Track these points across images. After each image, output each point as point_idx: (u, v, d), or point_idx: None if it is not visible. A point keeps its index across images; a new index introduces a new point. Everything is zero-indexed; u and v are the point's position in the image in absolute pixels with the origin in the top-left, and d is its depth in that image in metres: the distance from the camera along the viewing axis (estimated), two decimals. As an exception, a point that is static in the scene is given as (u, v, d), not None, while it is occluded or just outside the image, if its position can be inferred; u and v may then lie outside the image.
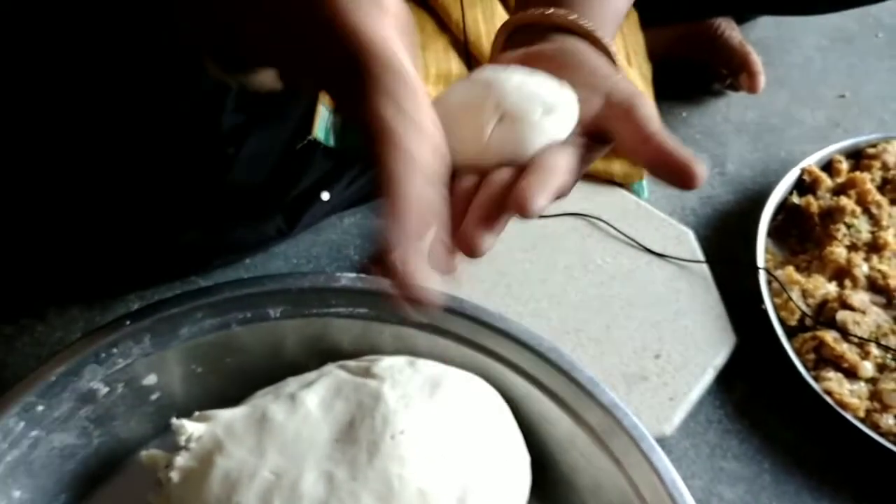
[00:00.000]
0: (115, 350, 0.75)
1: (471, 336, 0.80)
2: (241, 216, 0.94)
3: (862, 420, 0.91)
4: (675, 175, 0.54)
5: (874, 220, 1.10)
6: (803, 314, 0.99)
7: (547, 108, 0.57)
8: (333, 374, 0.77)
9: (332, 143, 0.93)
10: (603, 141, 0.60)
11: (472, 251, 0.53)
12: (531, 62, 0.62)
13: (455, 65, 1.04)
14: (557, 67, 0.61)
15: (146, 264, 0.94)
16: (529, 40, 0.66)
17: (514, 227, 0.59)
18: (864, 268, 1.04)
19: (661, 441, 0.89)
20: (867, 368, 0.95)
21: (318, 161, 0.95)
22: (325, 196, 0.99)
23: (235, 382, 0.80)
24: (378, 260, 0.44)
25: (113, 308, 0.95)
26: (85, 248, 0.90)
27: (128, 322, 0.76)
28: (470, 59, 1.06)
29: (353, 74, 0.46)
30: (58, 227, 0.88)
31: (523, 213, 0.51)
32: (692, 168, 0.53)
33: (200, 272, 0.99)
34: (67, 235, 0.89)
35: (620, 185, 1.13)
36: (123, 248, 0.90)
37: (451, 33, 1.04)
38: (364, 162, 1.01)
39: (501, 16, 1.06)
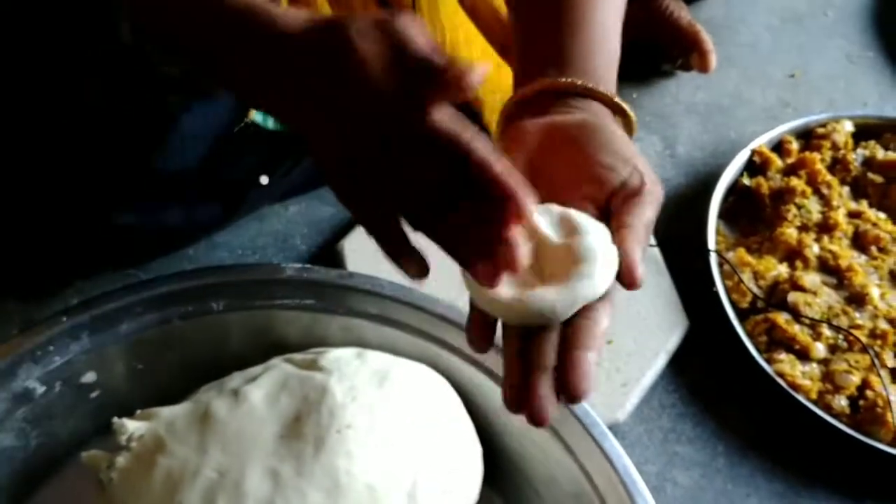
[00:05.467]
0: (51, 347, 0.73)
1: (420, 326, 0.79)
2: (176, 200, 0.91)
3: (814, 402, 0.91)
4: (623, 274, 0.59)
5: (824, 201, 1.09)
6: (755, 296, 0.98)
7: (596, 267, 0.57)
8: (279, 368, 0.75)
9: (269, 125, 0.90)
10: None
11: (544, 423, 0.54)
12: (555, 136, 0.64)
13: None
14: (581, 147, 0.63)
15: (82, 249, 0.91)
16: (543, 104, 0.66)
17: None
18: (815, 248, 1.04)
19: (615, 427, 0.89)
20: (819, 349, 0.94)
21: (257, 145, 0.92)
22: (265, 180, 0.96)
23: (178, 378, 0.78)
24: None
25: (50, 303, 0.92)
26: (18, 232, 0.87)
27: (64, 318, 0.74)
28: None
29: None
30: None
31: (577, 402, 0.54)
32: (636, 274, 0.59)
33: (139, 262, 0.96)
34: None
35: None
36: (57, 231, 0.88)
37: None
38: (303, 146, 0.99)
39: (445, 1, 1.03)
